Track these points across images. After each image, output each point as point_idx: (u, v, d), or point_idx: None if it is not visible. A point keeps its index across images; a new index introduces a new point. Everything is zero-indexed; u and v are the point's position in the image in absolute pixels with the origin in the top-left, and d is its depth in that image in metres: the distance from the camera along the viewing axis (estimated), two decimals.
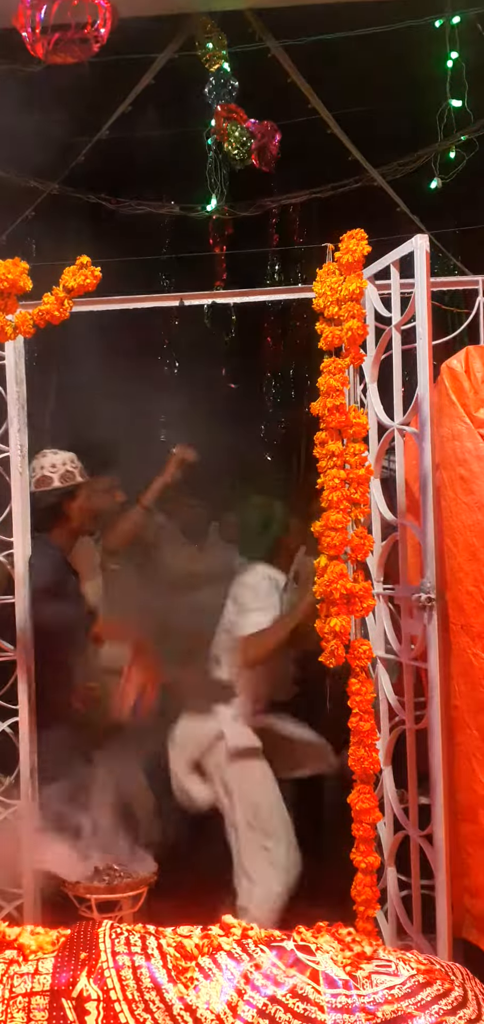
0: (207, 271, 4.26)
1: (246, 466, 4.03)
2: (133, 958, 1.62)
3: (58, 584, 2.71)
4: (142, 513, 3.22)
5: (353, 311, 2.24)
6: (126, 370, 3.77)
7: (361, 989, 1.59)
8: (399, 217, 3.82)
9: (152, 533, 3.29)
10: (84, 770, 2.53)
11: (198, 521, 3.54)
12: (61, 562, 2.81)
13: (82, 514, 2.86)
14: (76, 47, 2.45)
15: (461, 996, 1.60)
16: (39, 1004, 1.58)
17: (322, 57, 3.47)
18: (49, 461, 2.82)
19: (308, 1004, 1.56)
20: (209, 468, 3.35)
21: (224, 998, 1.57)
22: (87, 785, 2.48)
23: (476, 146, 3.64)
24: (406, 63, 3.49)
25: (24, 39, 2.53)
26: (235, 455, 3.74)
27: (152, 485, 3.21)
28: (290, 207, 4.36)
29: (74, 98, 3.44)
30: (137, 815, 2.85)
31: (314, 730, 3.05)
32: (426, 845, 2.25)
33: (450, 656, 2.32)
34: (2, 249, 3.88)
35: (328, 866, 2.99)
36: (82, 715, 2.71)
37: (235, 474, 3.83)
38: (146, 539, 3.26)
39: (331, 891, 2.39)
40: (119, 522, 3.21)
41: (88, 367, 3.51)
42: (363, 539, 2.27)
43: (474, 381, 2.36)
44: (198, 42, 3.42)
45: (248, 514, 3.17)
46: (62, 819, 2.41)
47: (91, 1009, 1.56)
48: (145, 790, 2.94)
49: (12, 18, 2.51)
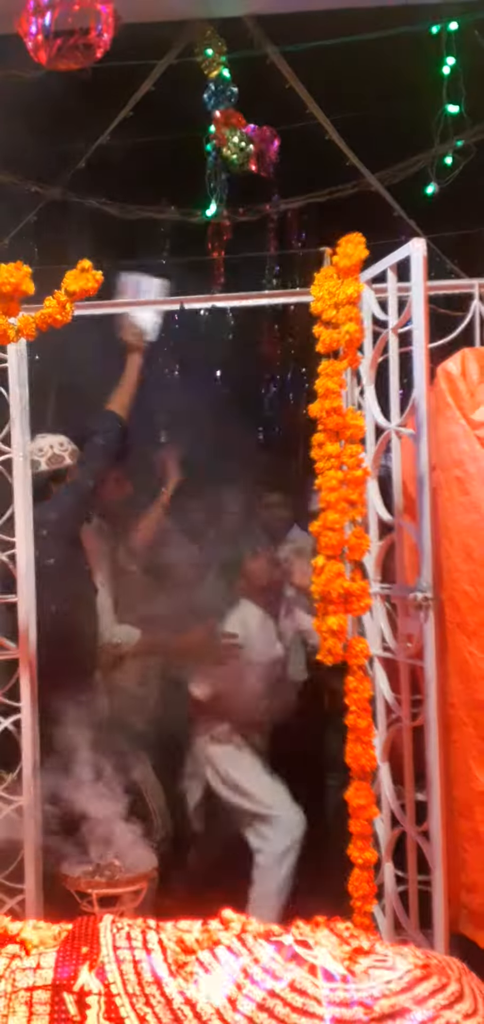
0: (206, 275, 4.28)
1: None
2: (134, 952, 1.63)
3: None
4: (163, 512, 3.23)
5: (350, 314, 2.27)
6: None
7: (359, 983, 1.59)
8: (396, 221, 3.84)
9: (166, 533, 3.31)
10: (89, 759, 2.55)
11: (278, 521, 3.51)
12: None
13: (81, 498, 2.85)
14: (79, 53, 2.46)
15: (458, 991, 1.62)
16: (41, 998, 1.59)
17: (320, 63, 3.50)
18: (36, 445, 2.83)
19: (306, 998, 1.57)
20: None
21: (224, 992, 1.58)
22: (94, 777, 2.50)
23: (473, 151, 3.66)
24: (403, 69, 3.50)
25: (27, 45, 2.54)
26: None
27: (169, 484, 3.23)
28: (288, 212, 4.39)
29: (75, 104, 3.47)
30: (148, 808, 2.88)
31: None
32: (423, 841, 2.27)
33: (446, 654, 2.35)
34: (4, 253, 3.91)
35: (326, 861, 3.02)
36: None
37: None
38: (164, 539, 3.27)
39: (329, 886, 2.42)
40: (143, 521, 3.21)
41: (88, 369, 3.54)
42: (360, 539, 2.29)
43: (470, 383, 2.38)
44: (197, 48, 3.44)
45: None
46: (67, 811, 2.43)
47: (92, 1003, 1.57)
48: (155, 783, 2.97)
49: (14, 24, 2.53)
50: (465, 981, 1.67)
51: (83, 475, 2.87)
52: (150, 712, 3.05)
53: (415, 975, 1.61)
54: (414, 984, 1.60)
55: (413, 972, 1.62)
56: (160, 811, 2.95)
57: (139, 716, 2.98)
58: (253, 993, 1.58)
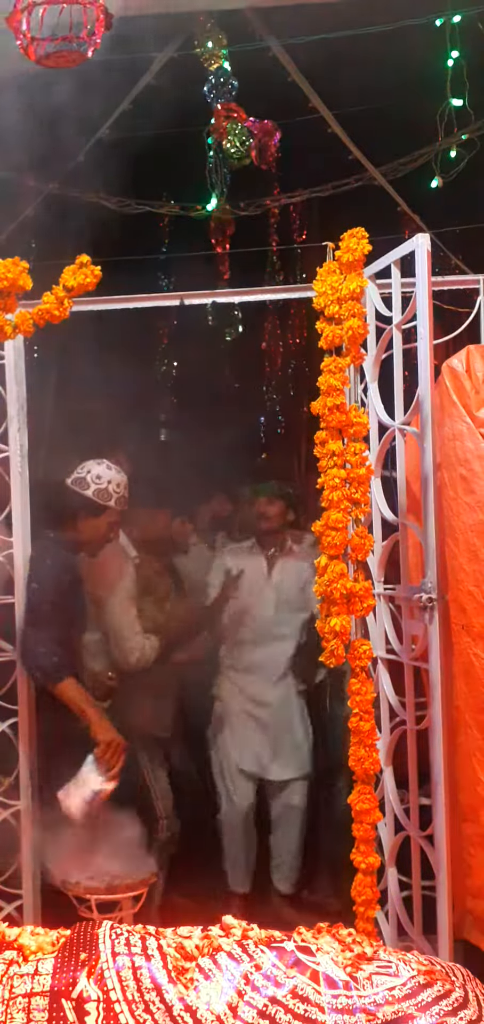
0: (207, 270, 4.25)
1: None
2: (133, 959, 1.62)
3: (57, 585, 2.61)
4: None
5: (354, 310, 2.23)
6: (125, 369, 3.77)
7: (362, 990, 1.58)
8: (400, 216, 3.81)
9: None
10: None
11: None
12: (65, 567, 2.66)
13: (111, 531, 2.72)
14: (69, 52, 2.43)
15: (462, 997, 1.60)
16: (39, 1005, 1.58)
17: (322, 56, 3.46)
18: (97, 472, 2.65)
19: (308, 1005, 1.56)
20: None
21: (224, 999, 1.56)
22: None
23: (477, 145, 3.63)
24: (407, 62, 3.47)
25: (17, 42, 2.51)
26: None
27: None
28: (291, 206, 4.36)
29: (74, 97, 3.44)
30: (158, 813, 2.87)
31: None
32: (427, 846, 2.25)
33: (451, 656, 2.32)
34: (2, 248, 3.87)
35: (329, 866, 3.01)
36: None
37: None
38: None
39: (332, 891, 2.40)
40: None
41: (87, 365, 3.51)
42: (363, 539, 2.26)
43: (475, 380, 2.35)
44: (198, 41, 3.41)
45: None
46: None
47: (91, 1010, 1.56)
48: (167, 790, 2.96)
49: (5, 20, 2.49)
50: (469, 987, 1.65)
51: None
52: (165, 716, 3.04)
53: (419, 981, 1.60)
54: (418, 991, 1.59)
55: (417, 978, 1.60)
56: (167, 812, 2.94)
57: (152, 719, 2.98)
58: (254, 1000, 1.56)
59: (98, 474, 2.65)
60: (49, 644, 2.48)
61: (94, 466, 2.67)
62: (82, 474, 2.66)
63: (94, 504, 2.63)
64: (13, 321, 2.32)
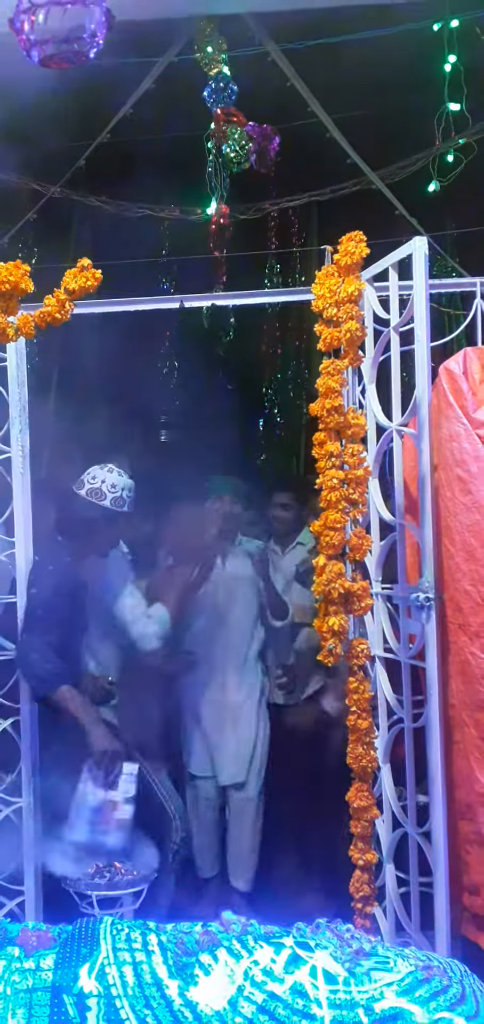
0: (207, 273, 4.27)
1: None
2: (134, 954, 1.63)
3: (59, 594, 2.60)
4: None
5: (351, 313, 2.26)
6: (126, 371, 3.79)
7: (360, 985, 1.59)
8: (397, 220, 3.83)
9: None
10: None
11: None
12: (67, 574, 2.66)
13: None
14: (72, 54, 2.44)
15: (459, 993, 1.61)
16: (40, 1000, 1.59)
17: (321, 61, 3.48)
18: (113, 479, 2.65)
19: (307, 1000, 1.57)
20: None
21: (224, 994, 1.58)
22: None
23: (474, 149, 3.65)
24: (405, 66, 3.49)
25: (19, 44, 2.53)
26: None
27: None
28: (289, 210, 4.38)
29: (75, 101, 3.46)
30: (170, 814, 2.87)
31: None
32: (424, 842, 2.26)
33: (448, 655, 2.34)
34: (4, 251, 3.90)
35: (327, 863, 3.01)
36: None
37: None
38: None
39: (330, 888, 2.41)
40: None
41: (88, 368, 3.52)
42: (361, 539, 2.28)
43: (472, 382, 2.37)
44: (197, 46, 3.43)
45: None
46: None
47: (92, 1005, 1.57)
48: (172, 790, 2.97)
49: (7, 22, 2.51)
50: (466, 983, 1.66)
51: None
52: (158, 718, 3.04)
53: (416, 977, 1.61)
54: (415, 986, 1.60)
55: (414, 974, 1.62)
56: (179, 812, 2.95)
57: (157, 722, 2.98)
58: (254, 995, 1.58)
59: (113, 483, 2.65)
60: (44, 651, 2.49)
61: (106, 474, 2.67)
62: (96, 484, 2.65)
63: (111, 513, 2.65)
64: (15, 324, 2.34)
